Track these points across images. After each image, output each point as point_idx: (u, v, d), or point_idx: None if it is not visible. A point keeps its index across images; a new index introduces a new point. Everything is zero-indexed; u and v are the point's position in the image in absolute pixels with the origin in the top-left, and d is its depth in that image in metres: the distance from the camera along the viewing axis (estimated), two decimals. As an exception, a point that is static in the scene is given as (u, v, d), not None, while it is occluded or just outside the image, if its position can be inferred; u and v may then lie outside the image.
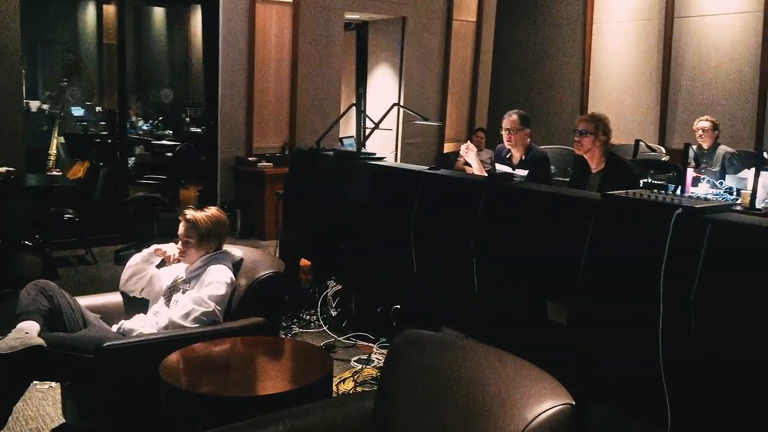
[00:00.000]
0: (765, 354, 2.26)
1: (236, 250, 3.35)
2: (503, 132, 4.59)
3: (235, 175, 7.37)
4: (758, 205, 4.56)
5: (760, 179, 4.62)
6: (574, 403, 1.86)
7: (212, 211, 3.33)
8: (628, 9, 8.48)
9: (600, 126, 4.05)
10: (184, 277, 3.23)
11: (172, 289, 3.22)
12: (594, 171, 4.14)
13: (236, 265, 3.26)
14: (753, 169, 4.75)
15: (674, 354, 2.47)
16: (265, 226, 6.85)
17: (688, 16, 7.87)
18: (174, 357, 2.72)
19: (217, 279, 3.09)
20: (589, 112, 4.29)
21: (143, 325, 3.09)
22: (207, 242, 3.25)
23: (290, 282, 4.90)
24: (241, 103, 7.34)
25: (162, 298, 3.24)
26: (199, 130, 10.08)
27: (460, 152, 5.74)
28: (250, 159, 7.24)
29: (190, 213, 3.25)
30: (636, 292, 2.62)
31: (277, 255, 5.22)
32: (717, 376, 2.41)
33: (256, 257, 3.36)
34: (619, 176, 3.94)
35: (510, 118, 4.54)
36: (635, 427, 2.77)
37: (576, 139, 4.10)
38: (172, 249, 3.31)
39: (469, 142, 5.08)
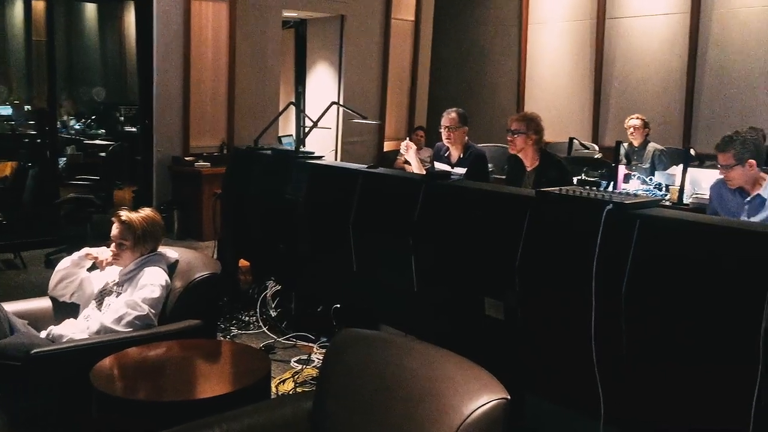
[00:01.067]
0: (692, 345, 2.34)
1: (171, 252, 3.29)
2: (442, 130, 4.64)
3: (171, 175, 7.22)
4: (686, 200, 4.73)
5: (688, 175, 4.79)
6: (509, 397, 1.89)
7: (147, 212, 3.25)
8: (562, 10, 8.67)
9: (531, 125, 4.12)
10: (117, 281, 3.15)
11: (104, 293, 3.14)
12: (529, 169, 4.21)
13: (171, 267, 3.20)
14: (681, 166, 4.92)
15: (606, 347, 2.53)
16: (203, 227, 6.73)
17: (619, 17, 8.10)
18: (106, 363, 2.65)
19: (152, 281, 3.03)
20: (524, 111, 4.36)
21: (74, 331, 3.00)
22: (142, 244, 3.18)
23: (228, 283, 4.82)
24: (177, 102, 7.20)
25: (93, 302, 3.15)
26: (134, 129, 9.84)
27: (400, 151, 5.77)
28: (186, 159, 7.11)
29: (124, 214, 3.17)
30: (569, 287, 2.68)
31: (215, 256, 5.14)
32: (648, 368, 2.48)
33: (192, 258, 3.31)
34: (553, 173, 4.03)
35: (449, 116, 4.59)
36: (570, 419, 2.84)
37: (509, 138, 4.17)
38: (104, 252, 3.23)
39: (408, 140, 5.10)
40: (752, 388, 2.15)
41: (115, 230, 3.15)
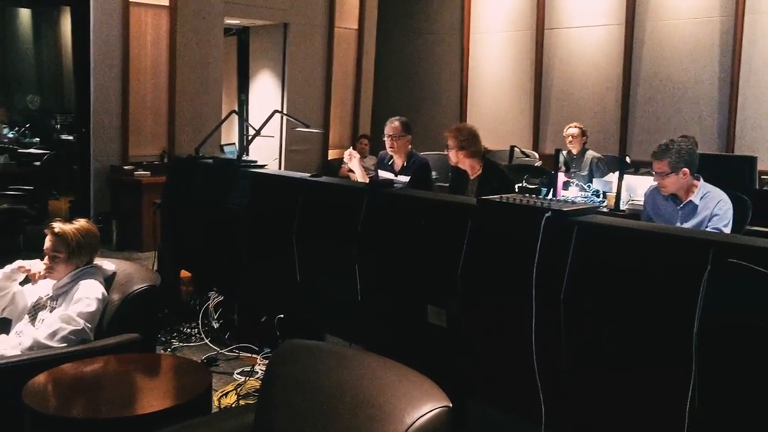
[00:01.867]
0: (629, 350, 2.40)
1: (108, 264, 3.20)
2: (386, 138, 4.65)
3: (110, 185, 7.05)
4: (622, 206, 4.85)
5: (624, 182, 4.92)
6: (451, 405, 1.90)
7: (82, 223, 3.16)
8: (502, 20, 8.82)
9: (460, 137, 4.19)
10: (51, 294, 3.05)
11: (38, 308, 3.03)
12: (472, 177, 4.26)
13: (108, 280, 3.11)
14: (617, 173, 5.05)
15: (547, 353, 2.57)
16: (143, 238, 6.59)
17: (557, 28, 8.28)
18: (40, 379, 2.56)
19: (87, 295, 2.94)
20: (463, 122, 4.45)
21: (5, 347, 2.89)
22: (77, 257, 3.08)
23: (169, 295, 4.73)
24: (115, 110, 7.04)
25: (26, 317, 3.04)
26: (71, 137, 9.57)
27: (344, 159, 5.77)
28: (126, 168, 6.95)
29: (57, 226, 3.07)
30: (510, 294, 2.71)
31: (156, 267, 5.03)
32: (586, 373, 2.53)
33: (130, 270, 3.23)
34: (495, 181, 4.08)
35: (392, 125, 4.61)
36: (512, 425, 2.87)
37: (446, 152, 4.24)
38: (37, 265, 3.12)
39: (351, 149, 5.10)
40: (686, 391, 2.22)
41: (48, 242, 3.05)
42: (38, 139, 10.14)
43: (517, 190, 4.76)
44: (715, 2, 7.09)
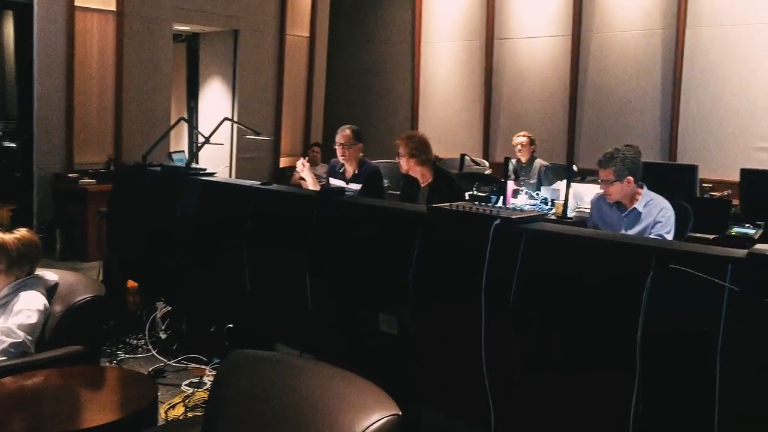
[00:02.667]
0: (574, 355, 2.44)
1: (50, 275, 3.11)
2: (337, 147, 4.65)
3: (54, 193, 6.86)
4: (569, 214, 4.94)
5: (571, 190, 5.01)
6: (400, 413, 1.89)
7: (22, 232, 3.07)
8: (452, 29, 8.92)
9: (410, 145, 4.22)
10: (-10, 306, 2.95)
11: (-24, 321, 2.93)
12: (423, 185, 4.29)
13: (50, 291, 3.03)
14: (565, 181, 5.14)
15: (496, 359, 2.59)
16: (88, 247, 6.43)
17: (506, 38, 8.41)
18: (-23, 394, 2.47)
19: (28, 306, 2.85)
20: (414, 129, 4.48)
21: (-59, 361, 2.78)
22: (17, 267, 2.99)
23: (115, 305, 4.62)
24: (59, 116, 6.86)
25: (-37, 330, 2.93)
26: (13, 144, 9.29)
27: (296, 168, 5.73)
28: (70, 175, 6.77)
29: None
30: (460, 301, 2.73)
31: (101, 277, 4.91)
32: (534, 379, 2.56)
33: (74, 281, 3.14)
34: (445, 189, 4.11)
35: (343, 133, 4.61)
36: (464, 431, 2.88)
37: (397, 160, 4.26)
38: (-25, 276, 3.01)
39: (302, 158, 5.08)
40: (630, 397, 2.26)
41: (-13, 253, 2.95)
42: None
43: (467, 197, 4.82)
44: (658, 15, 7.30)
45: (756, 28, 6.74)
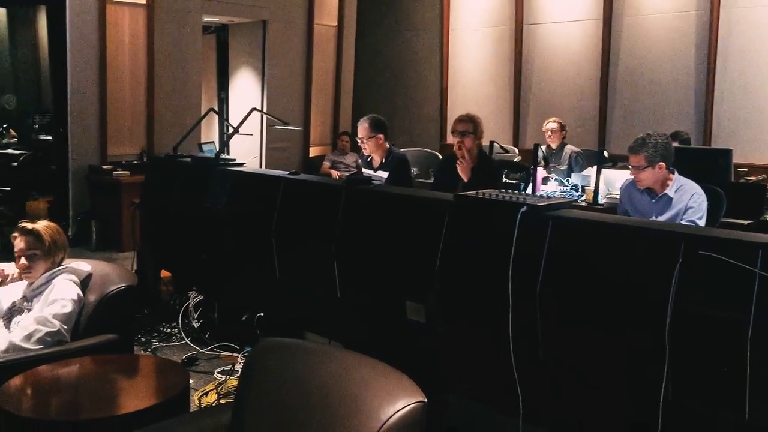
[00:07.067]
0: (603, 342, 2.43)
1: (84, 265, 3.18)
2: (358, 141, 4.64)
3: (88, 185, 6.99)
4: (600, 200, 4.89)
5: (602, 176, 4.96)
6: (426, 400, 1.91)
7: (47, 222, 3.14)
8: (481, 16, 8.84)
9: (478, 126, 4.21)
10: (26, 297, 3.02)
11: (13, 311, 3.00)
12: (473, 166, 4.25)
13: (84, 281, 3.09)
14: (596, 167, 5.08)
15: (523, 345, 2.59)
16: (123, 238, 6.54)
17: (536, 23, 8.32)
18: (15, 382, 2.54)
19: (63, 296, 2.92)
20: (466, 113, 4.43)
21: (-20, 350, 2.86)
22: (53, 254, 3.06)
23: (149, 295, 4.71)
24: (93, 109, 6.98)
25: (1, 320, 3.01)
26: (49, 137, 9.47)
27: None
28: (104, 167, 6.89)
29: (28, 225, 3.04)
30: (487, 288, 2.73)
31: (135, 267, 5.00)
32: (562, 365, 2.56)
33: (107, 271, 3.21)
34: (491, 175, 4.10)
35: (362, 126, 4.56)
36: (492, 418, 2.88)
37: (458, 140, 4.20)
38: (11, 268, 3.09)
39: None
40: (660, 383, 2.24)
41: (21, 243, 3.01)
42: (16, 140, 10.03)
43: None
44: (691, -3, 7.16)
45: (793, 9, 6.57)
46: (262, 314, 3.97)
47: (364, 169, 4.82)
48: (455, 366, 2.95)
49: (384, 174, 4.60)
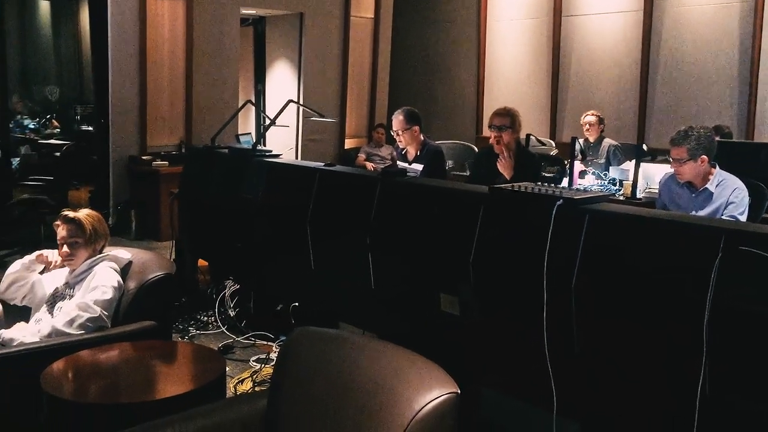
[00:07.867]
0: (639, 337, 2.40)
1: (123, 252, 3.24)
2: (393, 134, 4.64)
3: (129, 175, 7.12)
4: (639, 194, 4.82)
5: (641, 170, 4.89)
6: (459, 391, 1.91)
7: (88, 210, 3.21)
8: (518, 7, 8.76)
9: (516, 120, 4.17)
10: (68, 283, 3.10)
11: (56, 297, 3.08)
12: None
13: (124, 269, 3.16)
14: (634, 161, 5.01)
15: (558, 339, 2.57)
16: (161, 227, 6.65)
17: (574, 15, 8.21)
18: (57, 366, 2.61)
19: (103, 283, 2.98)
20: (505, 107, 4.38)
21: (24, 334, 2.94)
22: (94, 242, 3.13)
23: (187, 283, 4.79)
24: (133, 100, 7.10)
25: (45, 305, 3.09)
26: (90, 128, 9.67)
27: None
28: (144, 158, 7.02)
29: (70, 213, 3.12)
30: (522, 281, 2.72)
31: (173, 256, 5.08)
32: (597, 360, 2.53)
33: (146, 259, 3.27)
34: (531, 168, 4.07)
35: (396, 119, 4.55)
36: (526, 411, 2.88)
37: (495, 134, 4.16)
38: (55, 255, 3.17)
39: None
40: (697, 378, 2.21)
41: (63, 231, 3.08)
42: (58, 130, 10.26)
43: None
44: (736, -13, 7.00)
45: (843, -2, 6.38)
46: (296, 304, 4.01)
47: (398, 162, 4.83)
48: (489, 358, 2.94)
49: (419, 166, 4.60)
